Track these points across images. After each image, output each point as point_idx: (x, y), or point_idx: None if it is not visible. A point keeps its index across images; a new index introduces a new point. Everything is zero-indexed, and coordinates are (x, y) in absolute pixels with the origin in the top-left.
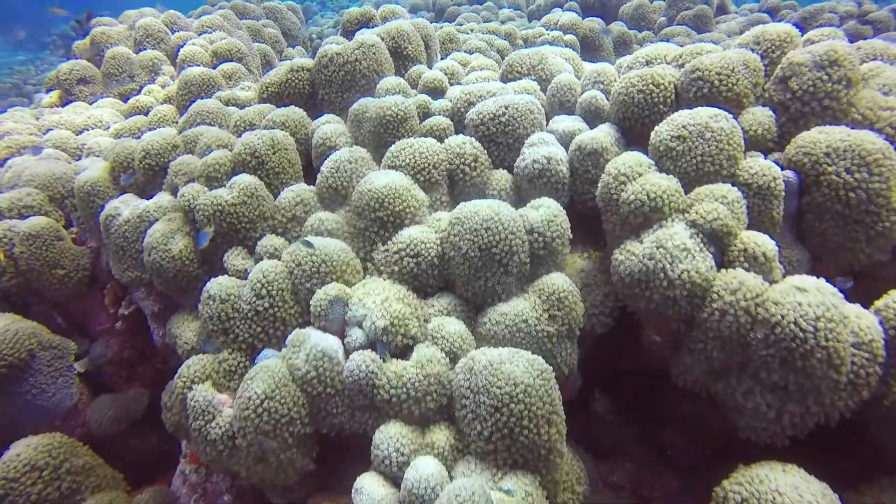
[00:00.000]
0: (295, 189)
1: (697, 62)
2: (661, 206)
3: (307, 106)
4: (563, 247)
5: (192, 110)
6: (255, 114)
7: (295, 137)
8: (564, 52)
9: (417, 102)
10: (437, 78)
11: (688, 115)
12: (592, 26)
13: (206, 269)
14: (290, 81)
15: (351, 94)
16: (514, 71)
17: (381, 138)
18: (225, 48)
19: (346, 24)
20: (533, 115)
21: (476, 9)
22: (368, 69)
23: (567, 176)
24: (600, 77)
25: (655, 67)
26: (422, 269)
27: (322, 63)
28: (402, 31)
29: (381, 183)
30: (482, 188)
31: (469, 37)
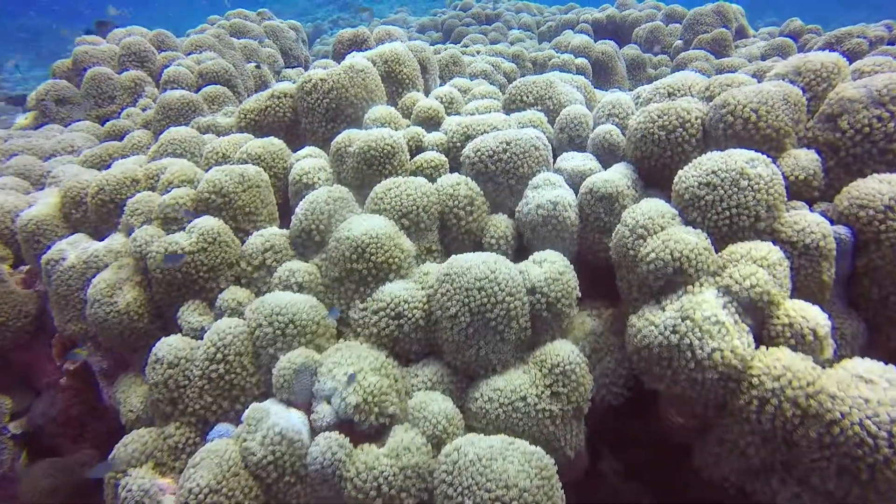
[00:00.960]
0: (265, 233)
1: (729, 96)
2: (688, 267)
3: (289, 136)
4: (569, 308)
5: (162, 139)
6: (230, 145)
7: (271, 172)
8: (575, 80)
9: (409, 135)
10: (432, 108)
11: (719, 158)
12: (605, 49)
13: (160, 324)
14: (269, 109)
15: (336, 124)
16: (519, 100)
17: (365, 176)
18: (211, 69)
19: (336, 47)
20: (538, 153)
21: (485, 29)
22: (357, 97)
23: (576, 223)
24: (615, 109)
25: (679, 100)
26: (404, 333)
27: (305, 89)
28: (396, 54)
29: (361, 230)
30: (478, 235)
31: (474, 59)
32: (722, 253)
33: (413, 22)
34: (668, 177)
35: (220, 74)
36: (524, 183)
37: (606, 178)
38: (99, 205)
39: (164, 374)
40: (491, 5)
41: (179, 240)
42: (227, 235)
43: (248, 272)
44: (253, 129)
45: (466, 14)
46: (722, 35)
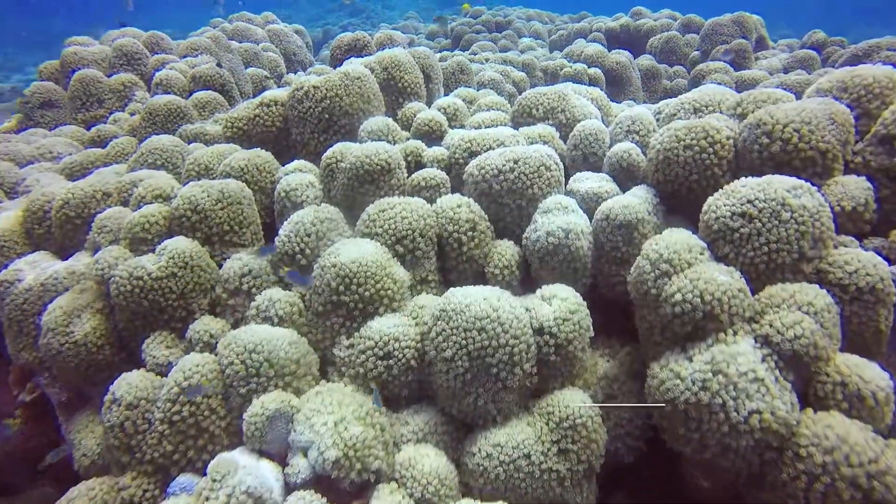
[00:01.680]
0: (244, 257)
1: (766, 114)
2: (720, 312)
3: (279, 148)
4: (581, 353)
5: (143, 148)
6: (213, 156)
7: (257, 187)
8: (590, 92)
9: (407, 150)
10: (434, 120)
11: (756, 185)
12: (619, 59)
13: (124, 355)
14: (258, 118)
15: (329, 135)
16: (528, 113)
17: (356, 195)
18: (205, 74)
19: (334, 52)
20: (549, 173)
21: (494, 37)
22: (352, 106)
23: (589, 253)
24: (635, 125)
25: (708, 117)
26: (393, 375)
27: (296, 97)
28: (397, 61)
29: (348, 257)
30: (480, 263)
31: (483, 67)
32: (759, 295)
33: (422, 28)
34: (693, 202)
35: (213, 79)
36: (533, 206)
37: (625, 203)
38: (63, 220)
39: (120, 417)
40: (502, 13)
41: (146, 263)
42: (202, 259)
43: (224, 300)
44: (240, 140)
45: (477, 21)
46: (742, 46)
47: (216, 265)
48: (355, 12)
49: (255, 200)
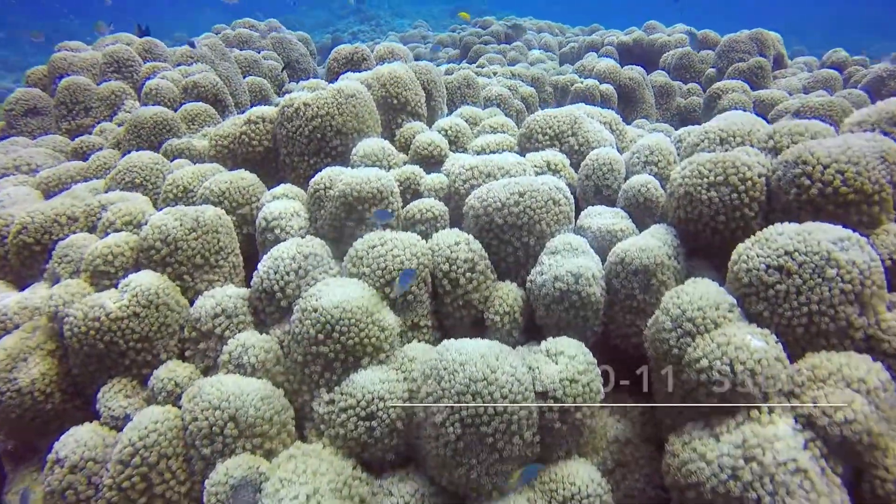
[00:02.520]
0: (217, 294)
1: (805, 151)
2: (752, 385)
3: (266, 169)
4: (589, 419)
5: (120, 165)
6: (194, 177)
7: (238, 213)
8: (604, 115)
9: (403, 176)
10: (433, 143)
11: (795, 234)
12: (633, 76)
13: (79, 402)
14: (245, 136)
15: (320, 158)
16: (537, 137)
17: (344, 227)
18: (198, 83)
19: (331, 65)
20: (558, 208)
21: (504, 48)
22: (345, 126)
23: (601, 301)
24: (654, 156)
25: (736, 151)
26: (376, 438)
27: (285, 114)
28: (396, 77)
29: (331, 301)
30: (479, 308)
31: (490, 82)
32: (800, 365)
33: (431, 37)
34: (719, 246)
35: (206, 89)
36: (539, 244)
37: (642, 245)
38: (20, 247)
39: (62, 481)
40: (512, 24)
41: (106, 301)
42: (170, 296)
43: (194, 342)
44: (226, 159)
45: (486, 32)
46: (760, 64)
47: (188, 302)
48: (365, 19)
49: (238, 228)
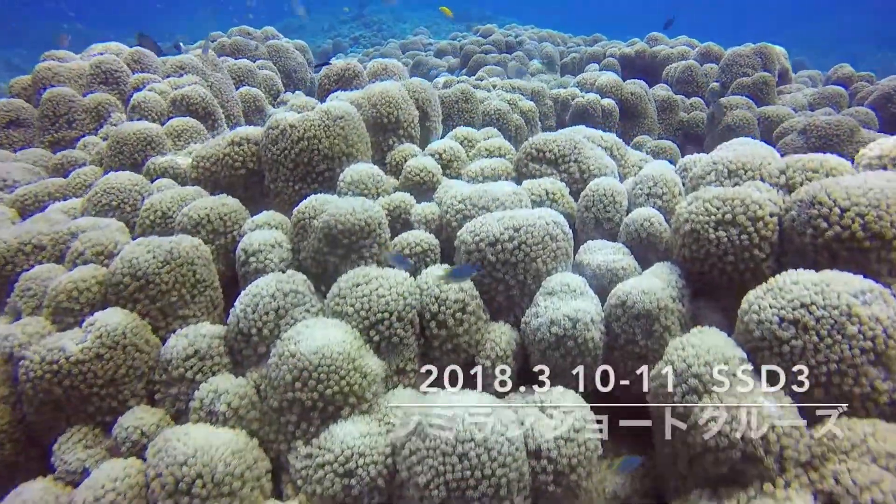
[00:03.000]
0: (190, 333)
1: (822, 191)
2: (766, 455)
3: (251, 193)
4: (586, 480)
5: (97, 187)
6: (173, 202)
7: (219, 243)
8: (605, 139)
9: (392, 204)
10: (425, 169)
11: (812, 285)
12: (635, 90)
13: (35, 452)
14: (228, 158)
15: (306, 184)
16: (535, 163)
17: (328, 262)
18: (186, 96)
19: (322, 81)
20: (555, 244)
21: (504, 58)
22: (333, 150)
23: (600, 345)
24: (657, 188)
25: (747, 186)
26: (353, 497)
27: (270, 136)
28: (388, 97)
29: (310, 347)
30: (468, 352)
31: (489, 95)
32: (820, 434)
33: (432, 45)
34: (726, 286)
35: (195, 103)
36: (536, 282)
37: (645, 287)
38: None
39: None
40: (513, 33)
41: (67, 344)
42: (139, 335)
43: (165, 385)
44: (208, 182)
45: (486, 40)
46: (764, 79)
47: (159, 341)
48: (367, 24)
49: (218, 259)
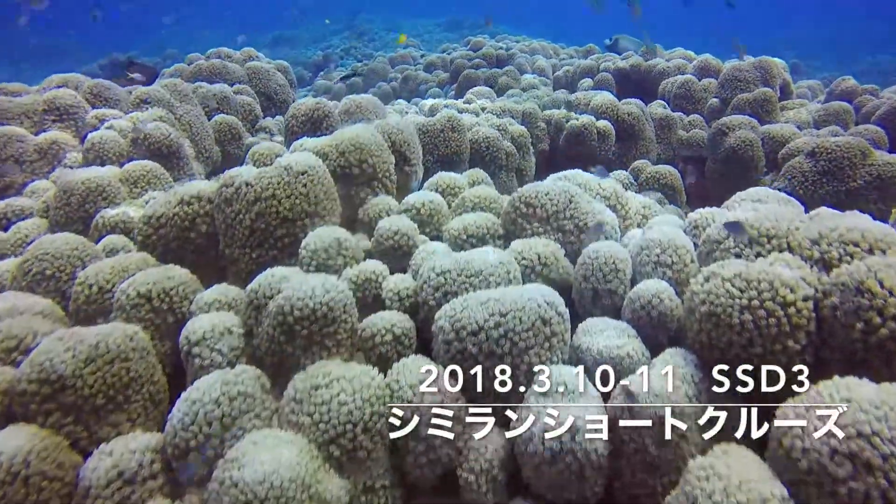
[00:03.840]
0: (116, 450)
1: (867, 275)
2: None
3: (206, 260)
4: None
5: (29, 252)
6: (113, 273)
7: (164, 325)
8: (603, 188)
9: (361, 277)
10: (400, 231)
11: (871, 404)
12: (631, 110)
13: None
14: (177, 219)
15: (263, 250)
16: (525, 221)
17: (284, 355)
18: (148, 135)
19: (290, 123)
20: (549, 329)
21: (495, 73)
22: (293, 211)
23: (605, 454)
24: (666, 255)
25: (776, 266)
26: None
27: (224, 195)
28: (359, 143)
29: (256, 474)
30: (448, 466)
31: (477, 121)
32: None
33: (421, 58)
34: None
35: (158, 142)
36: (527, 377)
37: (657, 389)
38: None
39: None
40: (504, 45)
41: None
42: (49, 459)
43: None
44: (157, 247)
45: (476, 54)
46: (766, 95)
47: (80, 458)
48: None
49: (163, 339)
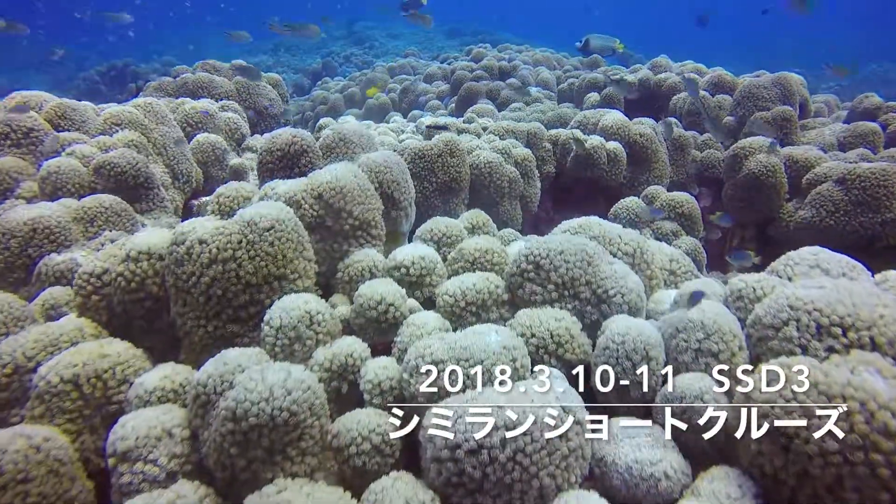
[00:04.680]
0: None
1: None
2: None
3: (155, 327)
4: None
5: None
6: (37, 346)
7: (98, 420)
8: (625, 242)
9: (335, 363)
10: (383, 301)
11: None
12: (644, 132)
13: None
14: (122, 280)
15: (221, 321)
16: (534, 286)
17: (236, 465)
18: (112, 163)
19: (264, 159)
20: (567, 445)
21: (497, 86)
22: (257, 275)
23: None
24: (710, 342)
25: (863, 374)
26: None
27: (176, 255)
28: (339, 188)
29: None
30: None
31: (478, 143)
32: None
33: (421, 67)
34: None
35: (123, 171)
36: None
37: None
38: None
39: None
40: (506, 56)
41: None
42: None
43: None
44: (100, 312)
45: (478, 66)
46: (786, 114)
47: None
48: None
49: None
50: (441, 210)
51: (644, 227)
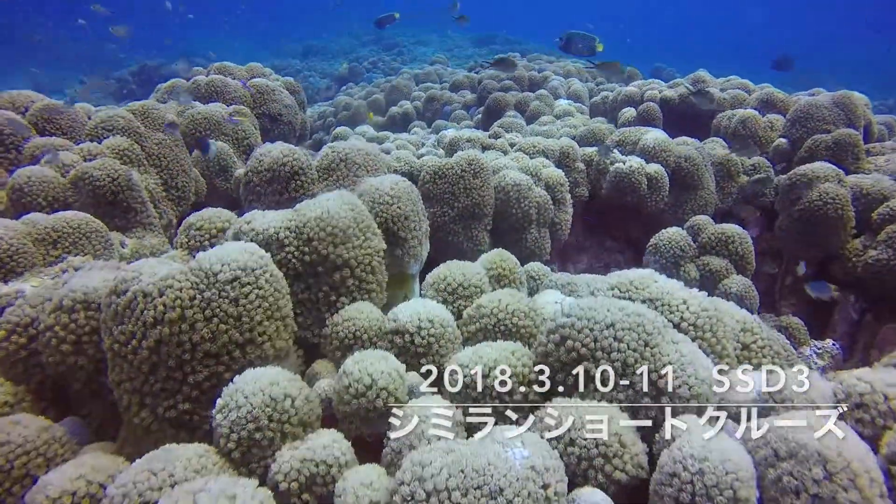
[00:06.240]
0: None
1: None
2: None
3: (88, 392)
4: None
5: None
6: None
7: None
8: (690, 311)
9: (299, 476)
10: (375, 386)
11: None
12: (688, 154)
13: None
14: (52, 337)
15: (165, 398)
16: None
17: None
18: (90, 175)
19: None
20: None
21: (526, 97)
22: (218, 341)
23: None
24: (836, 485)
25: None
26: None
27: (115, 309)
28: (331, 226)
29: None
30: None
31: (504, 162)
32: None
33: (447, 75)
34: None
35: (102, 184)
36: None
37: None
38: None
39: None
40: (536, 67)
41: None
42: None
43: None
44: (28, 370)
45: (507, 75)
46: (850, 139)
47: None
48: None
49: None
50: (462, 236)
51: (687, 263)
